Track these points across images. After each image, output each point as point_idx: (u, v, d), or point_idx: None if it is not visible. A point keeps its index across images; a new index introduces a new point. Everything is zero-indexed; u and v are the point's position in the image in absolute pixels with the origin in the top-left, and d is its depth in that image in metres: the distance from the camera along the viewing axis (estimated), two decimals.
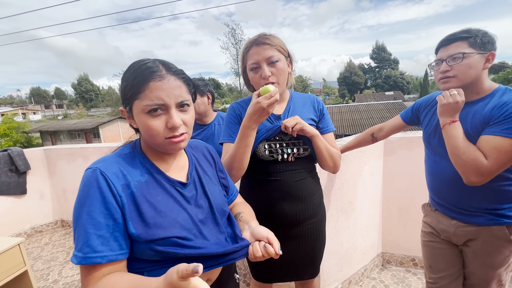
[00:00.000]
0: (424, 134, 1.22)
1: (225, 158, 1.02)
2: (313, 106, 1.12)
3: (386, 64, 62.25)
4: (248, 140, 0.95)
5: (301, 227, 1.07)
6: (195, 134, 1.58)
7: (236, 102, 1.14)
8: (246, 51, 1.02)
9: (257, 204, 1.05)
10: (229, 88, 69.23)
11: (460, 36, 0.99)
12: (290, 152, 1.04)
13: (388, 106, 17.47)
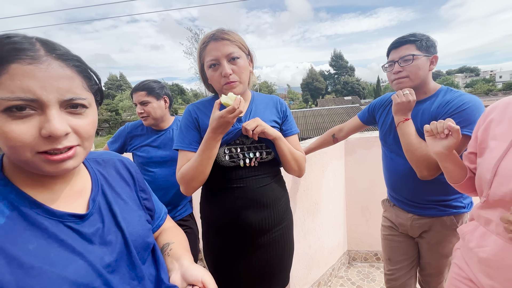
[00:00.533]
0: (380, 133, 1.28)
1: (183, 169, 0.92)
2: (276, 107, 1.07)
3: (344, 71, 67.06)
4: (212, 152, 0.88)
5: (268, 235, 1.01)
6: (150, 140, 1.44)
7: (192, 104, 1.04)
8: (203, 47, 0.94)
9: (220, 215, 0.98)
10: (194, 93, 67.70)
11: (409, 39, 1.06)
12: (253, 157, 0.98)
13: (347, 110, 18.70)
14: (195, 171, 0.89)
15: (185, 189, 0.95)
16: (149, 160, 1.42)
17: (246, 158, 0.97)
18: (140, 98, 1.38)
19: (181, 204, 1.50)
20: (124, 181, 0.63)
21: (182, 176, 0.93)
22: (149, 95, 1.40)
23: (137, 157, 1.46)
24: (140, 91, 1.38)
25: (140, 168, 1.46)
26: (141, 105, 1.39)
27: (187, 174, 0.91)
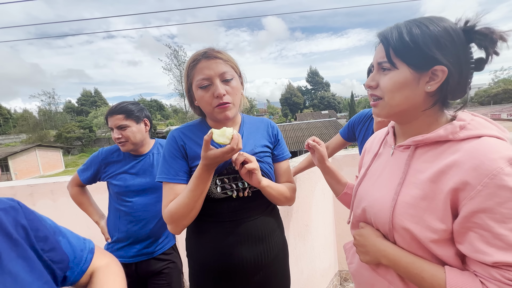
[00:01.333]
0: (359, 148, 1.31)
1: (172, 206, 0.81)
2: (267, 131, 0.99)
3: (320, 87, 70.17)
4: (206, 186, 0.80)
5: (265, 271, 0.91)
6: (128, 167, 1.31)
7: (177, 129, 0.93)
8: (193, 65, 0.85)
9: (211, 253, 0.87)
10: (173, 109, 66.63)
11: None
12: (247, 186, 0.89)
13: (325, 123, 19.37)
14: (186, 208, 0.79)
15: (174, 228, 0.84)
16: (126, 189, 1.28)
17: (239, 188, 0.88)
18: (117, 122, 1.26)
19: (162, 236, 1.36)
20: (8, 236, 0.47)
21: (171, 214, 0.81)
22: (128, 119, 1.28)
23: (112, 186, 1.31)
24: (117, 114, 1.26)
25: (116, 198, 1.31)
26: (118, 130, 1.26)
27: (177, 212, 0.80)
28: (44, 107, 52.13)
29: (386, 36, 0.58)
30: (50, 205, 2.25)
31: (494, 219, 0.48)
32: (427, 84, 0.57)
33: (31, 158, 24.81)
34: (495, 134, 0.54)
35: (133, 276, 1.32)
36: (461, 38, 0.54)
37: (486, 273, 0.50)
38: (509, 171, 0.47)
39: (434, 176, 0.55)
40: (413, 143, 0.61)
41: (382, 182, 0.67)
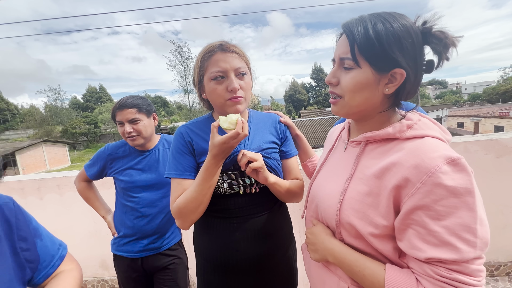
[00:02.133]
0: None
1: (180, 201, 0.81)
2: (275, 127, 0.98)
3: (325, 84, 69.48)
4: (214, 179, 0.80)
5: (272, 268, 0.91)
6: (134, 163, 1.31)
7: (184, 125, 0.93)
8: (208, 56, 0.83)
9: (218, 249, 0.88)
10: (177, 106, 66.83)
11: None
12: (254, 182, 0.88)
13: (329, 120, 19.22)
14: (195, 202, 0.79)
15: (182, 223, 0.84)
16: (132, 185, 1.29)
17: (247, 184, 0.88)
18: (129, 116, 1.25)
19: (168, 232, 1.36)
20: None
21: (179, 209, 0.81)
22: (140, 113, 1.28)
23: (118, 181, 1.32)
24: (129, 108, 1.26)
25: (122, 193, 1.31)
26: (130, 124, 1.26)
27: (186, 207, 0.80)
28: (50, 103, 52.74)
29: (352, 30, 0.56)
30: (57, 199, 2.28)
31: (429, 216, 0.49)
32: (385, 86, 0.57)
33: (38, 153, 25.19)
34: (437, 135, 0.56)
35: (139, 271, 1.32)
36: (419, 40, 0.55)
37: (420, 269, 0.51)
38: (445, 170, 0.48)
39: (379, 172, 0.56)
40: (364, 139, 0.63)
41: (334, 178, 0.68)
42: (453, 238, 0.48)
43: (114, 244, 1.36)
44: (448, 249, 0.48)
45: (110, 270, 2.33)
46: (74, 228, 2.29)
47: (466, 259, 0.47)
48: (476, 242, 0.47)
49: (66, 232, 2.32)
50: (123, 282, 1.35)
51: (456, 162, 0.49)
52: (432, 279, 0.49)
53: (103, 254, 2.31)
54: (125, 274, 1.33)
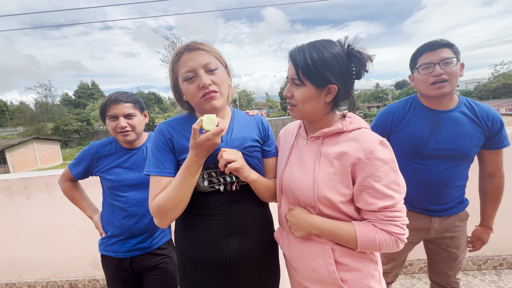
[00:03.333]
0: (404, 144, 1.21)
1: (159, 199, 0.80)
2: (257, 126, 0.99)
3: None
4: (195, 178, 0.81)
5: (252, 265, 0.91)
6: (121, 161, 1.28)
7: (165, 122, 0.92)
8: (177, 59, 0.85)
9: (198, 246, 0.88)
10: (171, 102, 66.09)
11: (446, 43, 1.07)
12: (235, 180, 0.89)
13: None
14: (174, 200, 0.79)
15: (160, 221, 0.83)
16: (119, 184, 1.26)
17: (227, 182, 0.88)
18: (125, 110, 1.23)
19: (158, 231, 1.34)
20: None
21: (158, 207, 0.80)
22: (135, 108, 1.26)
23: (105, 180, 1.28)
24: (126, 103, 1.23)
25: (109, 193, 1.28)
26: (125, 118, 1.23)
27: (165, 205, 0.79)
28: (41, 99, 51.64)
29: (295, 59, 0.78)
30: (45, 198, 2.23)
31: (374, 180, 0.73)
32: (325, 97, 0.79)
33: (29, 151, 24.69)
34: (366, 126, 0.83)
35: (128, 271, 1.30)
36: (344, 61, 0.77)
37: (375, 217, 0.76)
38: (379, 148, 0.74)
39: (338, 155, 0.78)
40: (322, 134, 0.83)
41: (303, 166, 0.84)
42: (390, 191, 0.73)
43: (101, 244, 1.34)
44: (389, 198, 0.73)
45: (101, 269, 2.29)
46: (64, 228, 2.25)
47: (398, 201, 0.74)
48: (401, 190, 0.75)
49: (55, 232, 2.27)
50: (111, 283, 1.33)
51: (384, 143, 0.75)
52: (383, 221, 0.74)
53: (94, 253, 2.27)
54: (114, 274, 1.31)
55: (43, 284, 2.34)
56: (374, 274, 0.81)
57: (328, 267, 0.79)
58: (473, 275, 2.03)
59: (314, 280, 0.84)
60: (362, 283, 0.79)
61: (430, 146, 1.15)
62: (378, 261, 0.85)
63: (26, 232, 2.26)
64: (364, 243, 0.75)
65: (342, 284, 0.78)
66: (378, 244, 0.74)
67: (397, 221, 0.74)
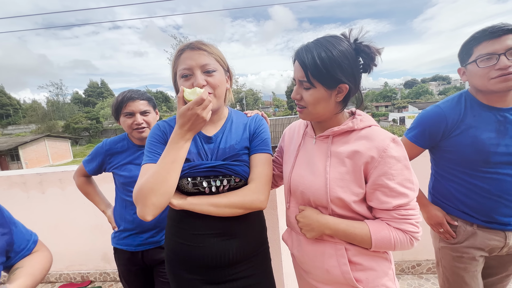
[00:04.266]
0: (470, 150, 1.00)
1: (139, 182, 0.76)
2: (248, 129, 0.95)
3: None
4: (179, 154, 0.75)
5: (237, 269, 0.88)
6: (133, 158, 1.31)
7: (164, 120, 0.94)
8: (178, 55, 0.87)
9: (182, 243, 0.88)
10: None
11: None
12: (219, 185, 0.86)
13: None
14: (156, 179, 0.73)
15: (142, 208, 0.73)
16: (131, 180, 1.29)
17: (212, 186, 0.86)
18: (141, 107, 1.27)
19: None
20: None
21: (140, 188, 0.74)
22: (149, 105, 1.31)
23: (118, 176, 1.32)
24: (141, 100, 1.28)
25: (122, 188, 1.32)
26: (141, 115, 1.28)
27: (145, 185, 0.73)
28: (52, 98, 52.90)
29: (303, 60, 0.74)
30: (59, 193, 2.31)
31: (388, 178, 0.72)
32: (336, 97, 0.77)
33: (41, 148, 25.36)
34: (375, 124, 0.80)
35: (139, 264, 1.34)
36: (353, 57, 0.74)
37: (389, 215, 0.74)
38: (392, 146, 0.72)
39: (350, 154, 0.76)
40: (332, 133, 0.81)
41: (313, 166, 0.82)
42: (404, 189, 0.72)
43: (114, 237, 1.38)
44: (403, 196, 0.72)
45: (111, 263, 2.37)
46: (76, 222, 2.32)
47: (412, 199, 0.73)
48: (414, 187, 0.73)
49: (68, 226, 2.35)
50: (123, 275, 1.38)
51: (396, 140, 0.74)
52: (397, 219, 0.73)
53: (104, 247, 2.34)
54: (125, 267, 1.35)
55: (56, 276, 2.42)
56: (388, 273, 0.79)
57: (341, 267, 0.78)
58: None
59: (326, 281, 0.82)
60: (377, 282, 0.77)
61: (501, 151, 0.95)
62: (391, 259, 0.83)
63: (40, 226, 2.35)
64: (379, 242, 0.74)
65: (357, 284, 0.76)
66: (393, 243, 0.73)
67: (412, 219, 0.73)
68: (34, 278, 0.66)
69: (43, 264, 0.73)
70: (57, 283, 2.42)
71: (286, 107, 65.80)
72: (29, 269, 0.69)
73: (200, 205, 0.82)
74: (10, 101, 62.07)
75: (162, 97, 68.50)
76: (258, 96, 62.98)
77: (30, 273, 0.67)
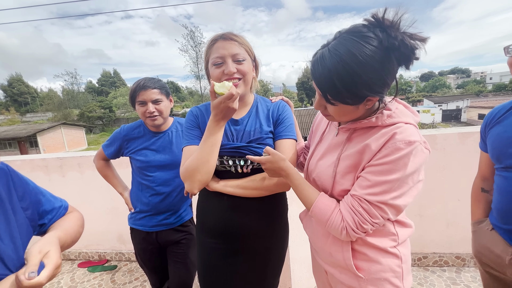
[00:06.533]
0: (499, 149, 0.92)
1: (187, 162, 0.90)
2: (272, 113, 1.02)
3: None
4: (216, 138, 0.88)
5: (257, 243, 1.00)
6: (149, 143, 1.38)
7: (196, 106, 1.05)
8: (211, 44, 0.94)
9: (209, 216, 1.01)
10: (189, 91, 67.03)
11: None
12: (243, 164, 0.96)
13: None
14: (199, 160, 0.87)
15: (190, 184, 0.89)
16: (147, 164, 1.36)
17: (238, 165, 0.96)
18: (153, 96, 1.32)
19: (181, 209, 1.44)
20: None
21: (186, 169, 0.89)
22: (162, 93, 1.35)
23: (134, 161, 1.39)
24: (153, 89, 1.32)
25: (139, 172, 1.39)
26: (153, 104, 1.32)
27: (191, 165, 0.88)
28: (67, 86, 54.27)
29: (319, 81, 0.66)
30: (77, 177, 2.43)
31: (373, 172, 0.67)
32: (365, 105, 0.68)
33: (57, 135, 26.29)
34: (409, 121, 0.70)
35: (154, 244, 1.43)
36: (385, 61, 0.61)
37: (347, 199, 0.73)
38: (404, 148, 0.64)
39: (361, 148, 0.71)
40: (352, 127, 0.76)
41: (328, 156, 0.82)
42: (376, 189, 0.67)
43: (131, 218, 1.46)
44: (373, 195, 0.67)
45: (126, 244, 2.50)
46: (94, 204, 2.45)
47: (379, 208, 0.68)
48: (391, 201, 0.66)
49: (86, 208, 2.48)
50: (139, 253, 1.47)
51: (415, 145, 0.64)
52: (348, 207, 0.71)
53: (120, 229, 2.47)
54: (141, 246, 1.44)
55: (76, 254, 2.59)
56: (395, 270, 0.75)
57: (344, 253, 0.78)
58: None
59: (330, 263, 0.85)
60: (379, 275, 0.75)
61: None
62: (403, 258, 0.77)
63: None
64: (316, 210, 0.76)
65: (356, 272, 0.76)
66: (326, 220, 0.73)
67: (360, 218, 0.69)
68: (66, 232, 0.68)
69: (74, 221, 0.76)
70: (76, 260, 2.58)
71: (296, 99, 65.03)
72: (61, 226, 0.71)
73: (230, 187, 0.95)
74: (28, 89, 64.23)
75: (172, 87, 69.03)
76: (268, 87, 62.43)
77: (62, 228, 0.69)
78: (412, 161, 0.64)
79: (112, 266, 2.42)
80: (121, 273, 2.33)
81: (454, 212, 1.98)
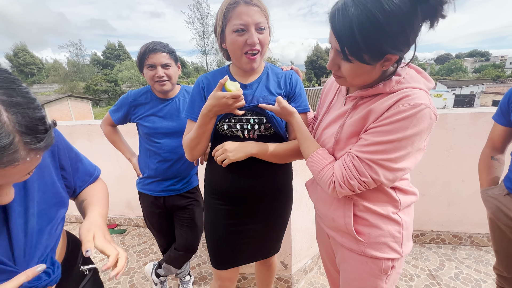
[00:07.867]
0: None
1: (185, 138, 0.98)
2: (284, 81, 1.02)
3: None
4: (206, 128, 0.90)
5: (261, 206, 1.04)
6: (156, 110, 1.38)
7: (203, 74, 1.03)
8: (232, 7, 0.86)
9: (216, 178, 1.04)
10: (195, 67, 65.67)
11: None
12: (251, 129, 0.97)
13: None
14: (193, 142, 0.94)
15: (187, 155, 1.00)
16: (154, 131, 1.37)
17: (245, 130, 0.97)
18: (162, 60, 1.29)
19: (187, 176, 1.48)
20: None
21: (184, 144, 0.99)
22: (171, 58, 1.32)
23: (142, 127, 1.40)
24: (163, 52, 1.29)
25: (146, 139, 1.41)
26: (162, 68, 1.30)
27: (187, 144, 0.97)
28: (72, 58, 53.59)
29: (338, 32, 0.61)
30: (86, 145, 2.49)
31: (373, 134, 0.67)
32: (382, 66, 0.65)
33: (64, 108, 26.49)
34: (420, 86, 0.66)
35: (161, 208, 1.49)
36: (411, 13, 0.55)
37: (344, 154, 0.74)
38: (408, 109, 0.62)
39: (366, 113, 0.70)
40: (359, 95, 0.74)
41: (333, 126, 0.81)
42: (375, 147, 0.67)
43: (139, 183, 1.51)
44: (369, 153, 0.67)
45: (134, 210, 2.62)
46: (103, 172, 2.48)
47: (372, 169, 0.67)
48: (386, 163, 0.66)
49: None
50: (147, 216, 1.54)
51: (421, 108, 0.61)
52: (341, 161, 0.73)
53: (128, 196, 2.57)
54: (149, 209, 1.50)
55: None
56: (395, 235, 0.77)
57: (345, 218, 0.80)
58: None
59: (333, 228, 0.88)
60: (379, 240, 0.77)
61: None
62: (404, 225, 0.78)
63: None
64: (311, 161, 0.80)
65: (357, 236, 0.78)
66: (318, 172, 0.77)
67: (348, 173, 0.69)
68: (105, 206, 0.76)
69: (106, 194, 0.82)
70: None
71: (304, 78, 63.39)
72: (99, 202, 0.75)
73: None
74: (33, 59, 63.76)
75: None
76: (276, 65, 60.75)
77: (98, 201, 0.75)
78: (414, 124, 0.62)
79: (121, 230, 2.56)
80: (130, 237, 2.46)
81: (456, 193, 1.99)
